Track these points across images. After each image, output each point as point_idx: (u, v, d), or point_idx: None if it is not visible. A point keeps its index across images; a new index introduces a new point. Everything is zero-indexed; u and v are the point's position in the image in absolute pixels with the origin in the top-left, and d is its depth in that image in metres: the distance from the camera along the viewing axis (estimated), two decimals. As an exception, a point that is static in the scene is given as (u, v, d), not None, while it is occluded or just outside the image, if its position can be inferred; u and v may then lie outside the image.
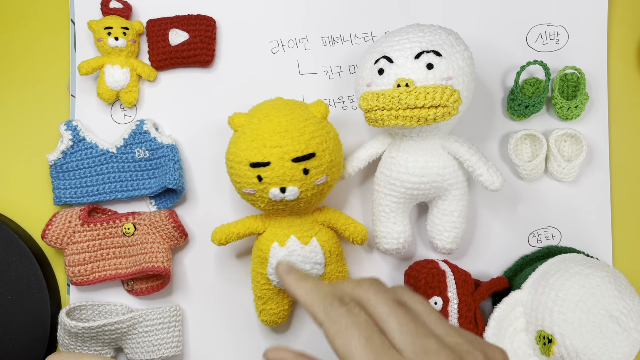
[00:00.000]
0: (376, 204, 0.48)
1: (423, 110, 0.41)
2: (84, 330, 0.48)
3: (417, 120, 0.41)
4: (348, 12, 0.52)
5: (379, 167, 0.47)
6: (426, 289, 0.45)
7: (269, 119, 0.42)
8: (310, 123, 0.43)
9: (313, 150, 0.42)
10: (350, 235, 0.47)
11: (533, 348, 0.44)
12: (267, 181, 0.42)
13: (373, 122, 0.43)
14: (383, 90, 0.42)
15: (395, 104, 0.41)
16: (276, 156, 0.41)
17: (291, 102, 0.45)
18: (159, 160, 0.51)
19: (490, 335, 0.43)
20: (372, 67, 0.43)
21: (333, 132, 0.45)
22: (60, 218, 0.50)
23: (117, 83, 0.51)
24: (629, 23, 0.52)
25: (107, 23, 0.51)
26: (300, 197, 0.43)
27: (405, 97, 0.41)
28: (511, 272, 0.50)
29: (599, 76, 0.51)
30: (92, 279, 0.50)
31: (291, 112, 0.43)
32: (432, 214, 0.48)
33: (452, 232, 0.47)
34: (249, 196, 0.44)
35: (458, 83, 0.41)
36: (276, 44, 0.53)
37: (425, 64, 0.41)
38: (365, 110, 0.43)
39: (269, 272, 0.46)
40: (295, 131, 0.42)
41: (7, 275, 0.51)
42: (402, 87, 0.41)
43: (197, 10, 0.52)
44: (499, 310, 0.44)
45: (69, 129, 0.51)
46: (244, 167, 0.42)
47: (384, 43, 0.43)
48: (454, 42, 0.42)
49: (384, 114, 0.42)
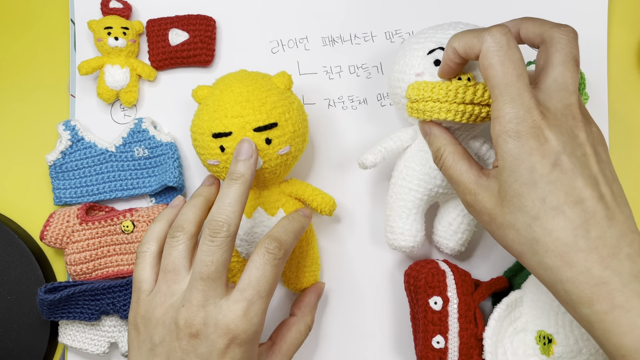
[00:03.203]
0: (398, 198, 0.46)
1: (477, 107, 0.40)
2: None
3: (469, 117, 0.40)
4: (348, 12, 0.52)
5: (405, 161, 0.46)
6: (426, 289, 0.45)
7: (231, 90, 0.43)
8: (273, 93, 0.43)
9: (275, 120, 0.42)
10: (317, 206, 0.47)
11: (533, 348, 0.43)
12: (229, 151, 0.42)
13: (419, 113, 0.41)
14: (439, 82, 0.40)
15: (451, 97, 0.40)
16: (237, 126, 0.42)
17: (254, 73, 0.45)
18: (159, 158, 0.51)
19: (490, 335, 0.43)
20: (425, 56, 0.42)
21: (297, 102, 0.45)
22: (57, 218, 0.50)
23: (117, 83, 0.51)
24: (629, 23, 0.52)
25: (107, 23, 0.51)
26: (264, 167, 0.43)
27: (463, 91, 0.39)
28: (511, 272, 0.49)
29: (599, 76, 0.51)
30: (95, 277, 0.50)
31: (253, 83, 0.43)
32: (448, 214, 0.47)
33: (465, 235, 0.47)
34: (214, 167, 0.44)
35: None
36: (276, 44, 0.53)
37: None
38: (413, 100, 0.42)
39: (237, 244, 0.47)
40: (256, 101, 0.42)
41: (7, 275, 0.51)
42: (464, 80, 0.40)
43: (197, 10, 0.52)
44: (499, 310, 0.44)
45: (68, 128, 0.51)
46: (207, 138, 0.43)
47: (438, 34, 0.42)
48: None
49: (435, 106, 0.40)
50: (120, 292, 0.49)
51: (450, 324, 0.44)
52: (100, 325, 0.50)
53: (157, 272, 0.41)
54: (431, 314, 0.44)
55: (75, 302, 0.49)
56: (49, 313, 0.48)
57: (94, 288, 0.48)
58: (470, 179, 0.37)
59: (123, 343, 0.49)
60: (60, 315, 0.49)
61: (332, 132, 0.52)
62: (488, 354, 0.43)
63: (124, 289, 0.49)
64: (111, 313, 0.49)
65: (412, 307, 0.48)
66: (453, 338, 0.44)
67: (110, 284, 0.48)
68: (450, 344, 0.44)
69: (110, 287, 0.48)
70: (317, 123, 0.52)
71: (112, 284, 0.49)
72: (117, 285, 0.49)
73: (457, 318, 0.44)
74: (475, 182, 0.37)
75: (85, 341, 0.50)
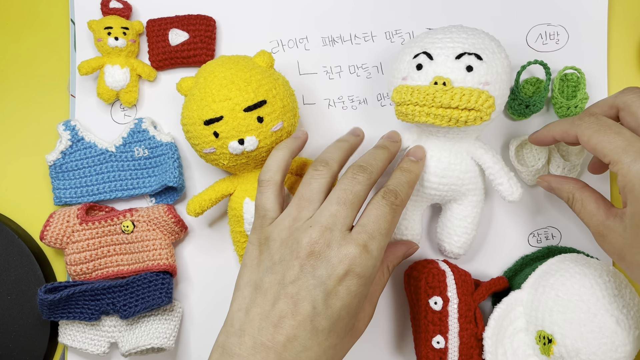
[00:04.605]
0: None
1: (456, 112, 0.40)
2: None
3: (448, 121, 0.41)
4: (348, 12, 0.52)
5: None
6: (426, 289, 0.45)
7: (214, 75, 0.43)
8: (256, 72, 0.44)
9: (263, 98, 0.43)
10: None
11: (533, 348, 0.43)
12: (223, 135, 0.43)
13: (403, 116, 0.43)
14: (419, 86, 0.41)
15: (429, 101, 0.41)
16: (227, 109, 0.42)
17: (234, 56, 0.46)
18: (159, 158, 0.51)
19: (490, 335, 0.43)
20: (411, 61, 0.43)
21: (282, 79, 0.46)
22: (57, 219, 0.50)
23: (117, 83, 0.51)
24: (629, 23, 0.52)
25: (107, 23, 0.51)
26: (260, 146, 0.43)
27: (440, 96, 0.40)
28: (511, 272, 0.49)
29: (599, 76, 0.51)
30: (95, 277, 0.50)
31: (235, 65, 0.44)
32: (445, 216, 0.47)
33: (462, 237, 0.47)
34: (211, 156, 0.44)
35: (494, 89, 0.41)
36: (276, 44, 0.53)
37: (465, 66, 0.41)
38: (397, 103, 0.43)
39: (246, 228, 0.47)
40: (241, 82, 0.43)
41: (7, 275, 0.51)
42: (440, 85, 0.40)
43: (197, 10, 0.52)
44: (499, 310, 0.44)
45: (68, 129, 0.51)
46: (199, 127, 0.43)
47: (426, 39, 0.43)
48: (496, 48, 0.42)
49: (416, 110, 0.41)
50: (120, 292, 0.49)
51: (451, 324, 0.44)
52: (100, 325, 0.50)
53: (280, 201, 0.42)
54: (431, 314, 0.44)
55: (75, 302, 0.49)
56: (49, 313, 0.48)
57: (94, 288, 0.48)
58: (598, 221, 0.39)
59: (123, 343, 0.49)
60: (60, 315, 0.49)
61: (332, 132, 0.52)
62: (488, 354, 0.43)
63: (124, 289, 0.49)
64: (111, 313, 0.49)
65: (412, 307, 0.48)
66: (453, 338, 0.44)
67: (110, 284, 0.48)
68: (450, 344, 0.44)
69: (110, 287, 0.48)
70: (317, 123, 0.52)
71: (112, 284, 0.49)
72: (117, 285, 0.49)
73: (457, 318, 0.44)
74: (602, 224, 0.39)
75: (85, 341, 0.50)
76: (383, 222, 0.38)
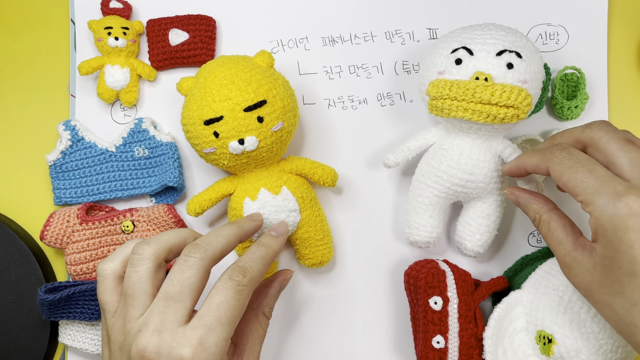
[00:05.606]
0: (416, 194, 0.47)
1: (494, 108, 0.40)
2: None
3: (486, 117, 0.41)
4: (348, 12, 0.52)
5: (426, 158, 0.46)
6: (426, 289, 0.45)
7: (214, 75, 0.43)
8: (256, 72, 0.44)
9: (263, 98, 0.43)
10: (320, 179, 0.47)
11: (533, 348, 0.43)
12: (223, 135, 0.43)
13: (439, 110, 0.42)
14: (458, 80, 0.41)
15: (468, 96, 0.40)
16: (227, 109, 0.42)
17: (234, 56, 0.46)
18: (159, 158, 0.51)
19: (490, 335, 0.43)
20: (449, 55, 0.42)
21: (282, 79, 0.46)
22: (57, 218, 0.50)
23: (117, 83, 0.51)
24: (629, 23, 0.52)
25: (107, 23, 0.51)
26: (260, 146, 0.43)
27: (480, 91, 0.40)
28: (511, 272, 0.49)
29: (599, 76, 0.51)
30: (95, 277, 0.50)
31: (235, 65, 0.44)
32: (468, 214, 0.47)
33: (484, 236, 0.46)
34: (211, 156, 0.44)
35: (531, 88, 0.41)
36: (276, 44, 0.53)
37: (506, 63, 0.40)
38: (432, 97, 0.42)
39: None
40: (241, 82, 0.43)
41: (7, 275, 0.51)
42: (481, 80, 0.40)
43: (197, 10, 0.52)
44: (499, 310, 0.44)
45: (68, 128, 0.51)
46: (199, 127, 0.43)
47: (464, 34, 0.43)
48: (533, 48, 0.42)
49: (453, 104, 0.41)
50: None
51: (450, 324, 0.44)
52: (100, 325, 0.50)
53: (120, 291, 0.39)
54: (431, 314, 0.44)
55: (75, 302, 0.49)
56: (49, 313, 0.48)
57: (94, 288, 0.48)
58: (565, 250, 0.37)
59: None
60: (60, 315, 0.49)
61: (332, 132, 0.52)
62: (488, 354, 0.43)
63: None
64: (111, 313, 0.49)
65: (412, 307, 0.48)
66: (453, 338, 0.44)
67: None
68: (450, 344, 0.44)
69: None
70: (317, 123, 0.52)
71: None
72: None
73: (457, 318, 0.44)
74: (569, 254, 0.36)
75: (85, 341, 0.50)
76: (224, 310, 0.35)
